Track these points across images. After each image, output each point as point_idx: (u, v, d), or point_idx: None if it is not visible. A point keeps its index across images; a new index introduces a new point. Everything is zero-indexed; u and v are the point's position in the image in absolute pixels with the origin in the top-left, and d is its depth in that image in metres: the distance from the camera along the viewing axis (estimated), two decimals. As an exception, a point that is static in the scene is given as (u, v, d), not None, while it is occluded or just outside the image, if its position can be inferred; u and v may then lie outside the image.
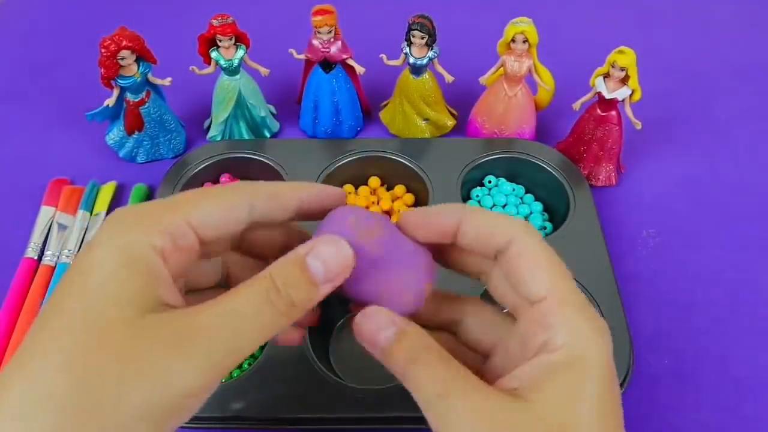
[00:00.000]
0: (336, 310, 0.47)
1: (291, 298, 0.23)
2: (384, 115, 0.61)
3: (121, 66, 0.51)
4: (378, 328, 0.24)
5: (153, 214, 0.23)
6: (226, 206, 0.25)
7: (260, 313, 0.23)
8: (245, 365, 0.45)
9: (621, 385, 0.41)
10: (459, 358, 0.24)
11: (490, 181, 0.55)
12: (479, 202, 0.54)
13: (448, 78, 0.56)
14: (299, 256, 0.24)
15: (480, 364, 0.28)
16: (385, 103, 0.61)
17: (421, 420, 0.24)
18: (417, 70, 0.55)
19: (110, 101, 0.53)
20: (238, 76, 0.56)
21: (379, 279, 0.26)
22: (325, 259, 0.24)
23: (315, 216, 0.28)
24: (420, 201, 0.54)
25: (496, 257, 0.26)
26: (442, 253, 0.28)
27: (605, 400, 0.23)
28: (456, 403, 0.23)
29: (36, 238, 0.51)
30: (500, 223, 0.25)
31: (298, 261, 0.24)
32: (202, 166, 0.54)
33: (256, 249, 0.29)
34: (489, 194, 0.54)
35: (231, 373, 0.44)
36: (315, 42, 0.54)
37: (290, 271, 0.24)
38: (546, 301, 0.24)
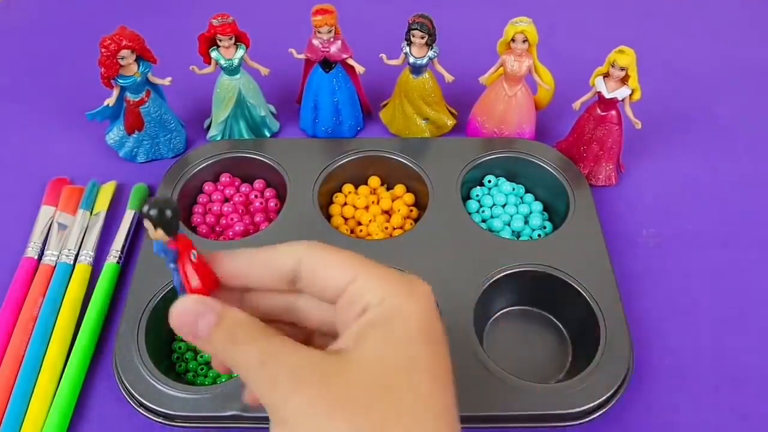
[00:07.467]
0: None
1: None
2: (384, 115, 0.61)
3: (121, 65, 0.51)
4: (196, 315, 0.24)
5: None
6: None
7: None
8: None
9: (621, 385, 0.41)
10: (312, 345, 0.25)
11: (490, 181, 0.55)
12: (479, 201, 0.54)
13: (448, 78, 0.56)
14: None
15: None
16: (385, 102, 0.61)
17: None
18: (417, 69, 0.55)
19: (110, 101, 0.53)
20: (238, 76, 0.56)
21: None
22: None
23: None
24: (420, 201, 0.54)
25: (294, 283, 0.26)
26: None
27: (421, 343, 0.24)
28: (277, 367, 0.23)
29: (36, 238, 0.51)
30: (281, 253, 0.26)
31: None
32: (202, 165, 0.54)
33: None
34: (489, 194, 0.54)
35: (231, 373, 0.44)
36: (315, 42, 0.54)
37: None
38: (355, 281, 0.25)
